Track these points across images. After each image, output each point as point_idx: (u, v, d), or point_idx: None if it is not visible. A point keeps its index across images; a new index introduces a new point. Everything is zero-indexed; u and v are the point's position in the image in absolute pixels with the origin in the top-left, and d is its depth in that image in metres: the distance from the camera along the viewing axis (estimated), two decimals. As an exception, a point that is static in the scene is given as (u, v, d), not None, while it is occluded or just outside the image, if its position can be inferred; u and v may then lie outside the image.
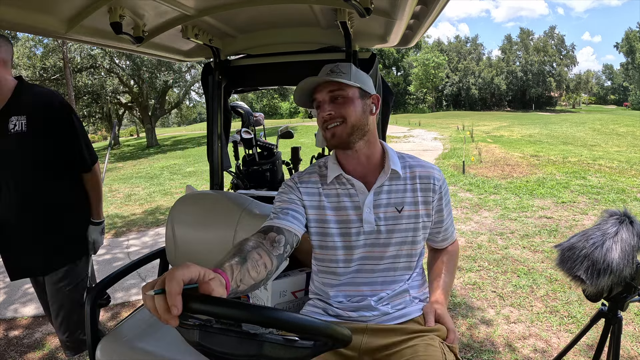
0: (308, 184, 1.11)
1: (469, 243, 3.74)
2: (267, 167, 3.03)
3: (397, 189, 1.08)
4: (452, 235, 1.23)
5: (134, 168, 12.07)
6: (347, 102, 1.03)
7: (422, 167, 1.11)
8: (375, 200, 1.07)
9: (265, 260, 0.88)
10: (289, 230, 1.00)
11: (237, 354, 0.58)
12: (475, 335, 2.25)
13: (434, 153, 10.39)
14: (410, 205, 1.08)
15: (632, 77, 52.84)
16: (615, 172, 6.73)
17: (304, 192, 1.10)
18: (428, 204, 1.10)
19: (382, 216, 1.06)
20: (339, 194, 1.09)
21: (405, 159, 1.13)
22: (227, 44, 1.83)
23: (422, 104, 55.94)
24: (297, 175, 1.15)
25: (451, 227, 1.21)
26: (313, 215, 1.09)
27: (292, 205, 1.07)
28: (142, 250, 4.21)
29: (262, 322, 0.55)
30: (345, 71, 1.06)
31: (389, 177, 1.07)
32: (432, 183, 1.09)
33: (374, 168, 1.09)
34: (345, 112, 1.03)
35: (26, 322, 2.74)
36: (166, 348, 1.33)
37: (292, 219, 1.03)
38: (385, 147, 1.13)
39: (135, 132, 41.09)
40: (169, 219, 1.64)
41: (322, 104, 1.06)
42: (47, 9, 1.16)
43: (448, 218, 1.17)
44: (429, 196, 1.09)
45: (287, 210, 1.05)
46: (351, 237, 1.06)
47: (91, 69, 18.80)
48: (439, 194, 1.11)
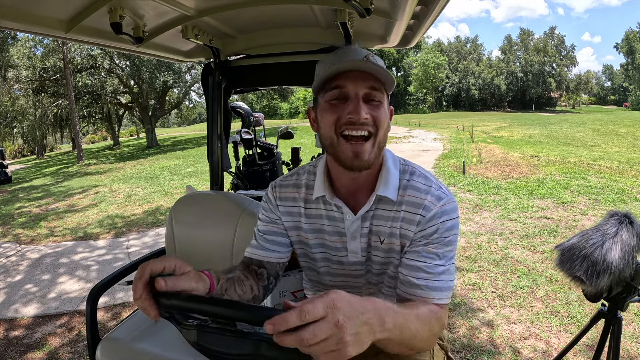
0: (287, 202, 0.96)
1: (469, 243, 3.73)
2: (267, 168, 3.03)
3: (383, 215, 0.88)
4: (429, 295, 0.81)
5: (134, 168, 12.07)
6: (382, 109, 0.82)
7: (415, 191, 0.85)
8: (362, 228, 0.89)
9: (251, 284, 0.90)
10: (271, 262, 0.96)
11: (234, 353, 0.58)
12: (475, 336, 2.25)
13: (434, 153, 10.38)
14: (389, 237, 0.88)
15: (632, 77, 52.83)
16: (615, 173, 6.73)
17: (283, 211, 0.97)
18: (406, 238, 0.86)
19: (365, 246, 0.91)
20: (322, 216, 0.93)
21: (405, 174, 0.89)
22: (227, 45, 1.83)
23: (422, 104, 55.95)
24: (278, 186, 0.99)
25: (431, 284, 0.81)
26: (294, 237, 0.98)
27: (273, 227, 0.98)
28: (143, 250, 4.21)
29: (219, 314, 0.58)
30: (381, 64, 0.81)
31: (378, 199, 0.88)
32: (418, 214, 0.83)
33: (368, 186, 0.88)
34: (380, 120, 0.80)
35: (26, 322, 2.74)
36: (166, 348, 1.33)
37: (275, 247, 0.96)
38: (385, 158, 0.89)
39: (135, 133, 41.12)
40: (169, 219, 1.64)
41: (352, 98, 0.79)
42: (47, 10, 1.16)
43: (427, 269, 0.81)
44: (409, 230, 0.85)
45: (269, 236, 0.97)
46: (334, 265, 0.96)
47: (91, 69, 18.82)
48: (422, 229, 0.83)
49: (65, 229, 5.31)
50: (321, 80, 0.81)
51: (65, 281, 3.44)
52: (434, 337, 0.78)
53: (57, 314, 2.83)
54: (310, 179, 0.95)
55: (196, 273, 0.71)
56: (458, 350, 2.12)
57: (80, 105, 19.79)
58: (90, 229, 5.19)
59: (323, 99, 0.83)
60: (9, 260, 4.13)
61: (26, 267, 3.87)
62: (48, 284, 3.38)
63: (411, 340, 0.68)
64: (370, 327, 0.56)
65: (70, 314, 2.83)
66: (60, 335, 2.53)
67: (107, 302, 2.93)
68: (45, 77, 18.04)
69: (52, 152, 28.98)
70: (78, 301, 3.02)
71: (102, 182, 9.62)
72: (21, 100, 19.17)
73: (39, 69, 17.81)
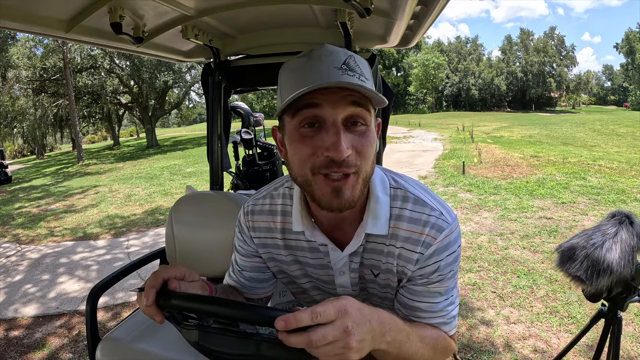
0: (261, 232, 0.84)
1: (469, 243, 3.73)
2: (267, 168, 3.03)
3: (375, 249, 0.76)
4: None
5: (134, 168, 12.07)
6: (368, 134, 0.64)
7: (411, 225, 0.72)
8: (351, 263, 0.78)
9: (243, 299, 0.91)
10: (253, 298, 0.92)
11: (235, 354, 0.58)
12: (475, 336, 2.25)
13: (434, 154, 10.39)
14: (385, 272, 0.77)
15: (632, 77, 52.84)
16: (615, 173, 6.73)
17: (259, 243, 0.85)
18: (403, 275, 0.76)
19: (357, 280, 0.80)
20: (304, 248, 0.80)
21: (397, 200, 0.74)
22: (227, 45, 1.83)
23: (422, 104, 55.95)
24: (250, 211, 0.84)
25: (434, 321, 0.76)
26: (275, 268, 0.88)
27: (250, 262, 0.88)
28: (142, 250, 4.21)
29: (233, 317, 0.57)
30: (366, 72, 0.65)
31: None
32: (417, 252, 0.72)
33: (353, 218, 0.75)
34: (366, 154, 0.64)
35: (26, 322, 2.74)
36: (166, 348, 1.33)
37: (255, 284, 0.90)
38: (373, 183, 0.73)
39: (135, 133, 41.12)
40: (169, 219, 1.64)
41: (328, 125, 0.62)
42: (47, 10, 1.15)
43: (428, 309, 0.75)
44: (406, 267, 0.74)
45: (247, 273, 0.89)
46: (325, 294, 0.88)
47: (91, 70, 18.82)
48: (421, 267, 0.73)
49: (65, 229, 5.31)
50: (286, 101, 0.62)
51: (65, 281, 3.44)
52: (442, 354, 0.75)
53: (57, 314, 2.83)
54: (287, 204, 0.80)
55: (201, 282, 0.73)
56: (458, 350, 2.12)
57: (80, 105, 19.80)
58: (90, 229, 5.19)
59: (291, 123, 0.65)
60: (8, 260, 4.13)
61: (26, 267, 3.87)
62: (48, 284, 3.38)
63: (409, 357, 0.67)
64: (373, 336, 0.56)
65: (70, 314, 2.83)
66: (60, 335, 2.53)
67: (107, 302, 2.93)
68: (45, 77, 18.04)
69: (52, 152, 28.98)
70: (78, 301, 3.02)
71: (102, 182, 9.62)
72: (21, 100, 19.18)
73: (39, 69, 17.82)
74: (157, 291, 0.63)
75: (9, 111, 20.22)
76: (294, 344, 0.51)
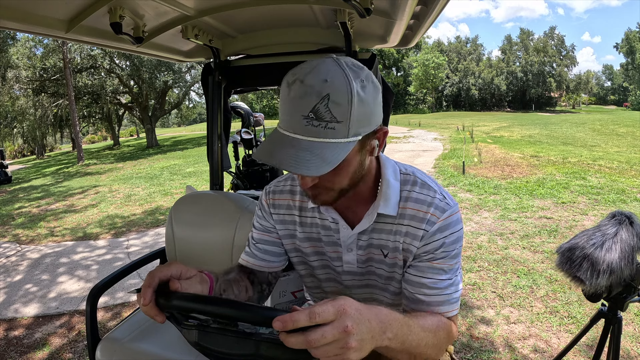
0: (281, 209, 0.92)
1: (469, 243, 3.73)
2: (267, 168, 3.03)
3: (383, 229, 0.83)
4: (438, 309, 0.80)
5: (134, 168, 12.07)
6: (340, 169, 0.69)
7: (418, 204, 0.80)
8: (359, 241, 0.85)
9: (246, 285, 0.90)
10: (261, 271, 0.95)
11: (234, 354, 0.58)
12: (475, 336, 2.25)
13: (434, 153, 10.39)
14: (393, 251, 0.84)
15: (632, 77, 52.89)
16: (615, 173, 6.73)
17: (277, 219, 0.93)
18: (409, 253, 0.82)
19: (364, 259, 0.87)
20: (317, 225, 0.89)
21: (406, 184, 0.83)
22: (227, 44, 1.83)
23: (422, 104, 55.95)
24: (272, 191, 0.94)
25: (438, 299, 0.80)
26: (289, 246, 0.95)
27: (266, 235, 0.95)
28: (143, 250, 4.21)
29: (231, 316, 0.58)
30: (341, 114, 0.63)
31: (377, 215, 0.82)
32: (422, 229, 0.79)
33: (364, 199, 0.83)
34: (334, 182, 0.73)
35: (26, 322, 2.74)
36: (166, 348, 1.33)
37: (267, 256, 0.94)
38: (385, 169, 0.82)
39: (135, 133, 41.13)
40: (169, 219, 1.64)
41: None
42: (47, 10, 1.16)
43: (432, 285, 0.79)
44: (412, 244, 0.81)
45: (261, 245, 0.95)
46: (331, 273, 0.94)
47: (91, 70, 18.82)
48: (426, 243, 0.79)
49: (65, 229, 5.31)
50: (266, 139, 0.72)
51: (65, 281, 3.44)
52: (439, 348, 0.77)
53: (57, 314, 2.83)
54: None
55: (199, 275, 0.73)
56: (458, 350, 2.12)
57: (80, 105, 19.80)
58: (90, 229, 5.19)
59: None
60: (8, 260, 4.13)
61: (26, 267, 3.87)
62: (48, 284, 3.38)
63: (415, 349, 0.68)
64: (372, 335, 0.57)
65: (70, 314, 2.83)
66: (60, 335, 2.53)
67: (107, 302, 2.93)
68: (45, 77, 18.04)
69: (52, 152, 28.99)
70: (78, 301, 3.02)
71: (102, 182, 9.62)
72: (21, 100, 19.18)
73: (39, 69, 17.82)
74: (155, 290, 0.64)
75: (9, 111, 20.23)
76: (293, 344, 0.51)
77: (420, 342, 0.69)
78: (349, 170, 0.72)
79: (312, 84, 0.63)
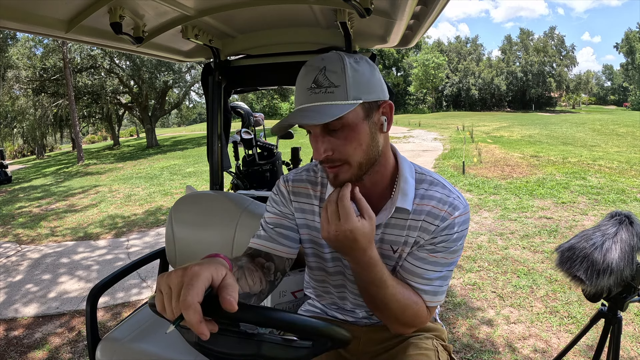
0: (301, 198, 0.94)
1: (469, 243, 3.73)
2: (267, 168, 3.04)
3: (397, 224, 0.86)
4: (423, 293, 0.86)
5: (134, 168, 12.07)
6: (349, 134, 0.74)
7: (435, 202, 0.84)
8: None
9: (260, 276, 0.84)
10: (280, 256, 0.91)
11: (235, 354, 0.58)
12: (475, 336, 2.25)
13: (434, 153, 10.39)
14: (402, 245, 0.87)
15: (632, 77, 52.88)
16: (615, 173, 6.73)
17: (297, 207, 0.94)
18: (416, 244, 0.86)
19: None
20: None
21: (423, 183, 0.87)
22: (227, 45, 1.83)
23: (422, 104, 55.94)
24: (292, 179, 0.96)
25: (424, 287, 0.85)
26: (305, 235, 0.95)
27: (284, 220, 0.94)
28: (143, 250, 4.21)
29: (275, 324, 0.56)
30: (337, 80, 0.71)
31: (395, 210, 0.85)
32: (435, 224, 0.83)
33: (380, 192, 0.87)
34: (347, 152, 0.75)
35: (26, 322, 2.74)
36: (166, 348, 1.33)
37: (284, 241, 0.92)
38: (402, 166, 0.87)
39: (135, 133, 41.12)
40: (169, 219, 1.64)
41: (312, 134, 0.78)
42: (47, 10, 1.16)
43: (425, 275, 0.85)
44: (423, 238, 0.85)
45: (278, 229, 0.93)
46: (340, 267, 0.96)
47: (91, 69, 18.80)
48: (434, 237, 0.84)
49: (66, 229, 5.32)
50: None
51: (66, 281, 3.44)
52: (400, 321, 0.85)
53: (57, 314, 2.83)
54: (325, 178, 0.92)
55: (230, 274, 0.61)
56: (458, 350, 2.12)
57: (80, 105, 19.78)
58: (91, 229, 5.19)
59: None
60: (9, 260, 4.13)
61: (26, 267, 3.87)
62: (48, 284, 3.38)
63: (378, 298, 0.80)
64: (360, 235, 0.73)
65: (70, 314, 2.83)
66: (60, 335, 2.53)
67: (107, 302, 2.93)
68: (45, 77, 18.03)
69: (52, 152, 28.98)
70: (78, 301, 3.02)
71: (102, 182, 9.62)
72: (21, 100, 19.16)
73: (39, 69, 17.80)
74: (200, 314, 0.53)
75: (9, 111, 20.21)
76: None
77: (388, 302, 0.80)
78: (360, 140, 0.75)
79: (312, 63, 0.75)
